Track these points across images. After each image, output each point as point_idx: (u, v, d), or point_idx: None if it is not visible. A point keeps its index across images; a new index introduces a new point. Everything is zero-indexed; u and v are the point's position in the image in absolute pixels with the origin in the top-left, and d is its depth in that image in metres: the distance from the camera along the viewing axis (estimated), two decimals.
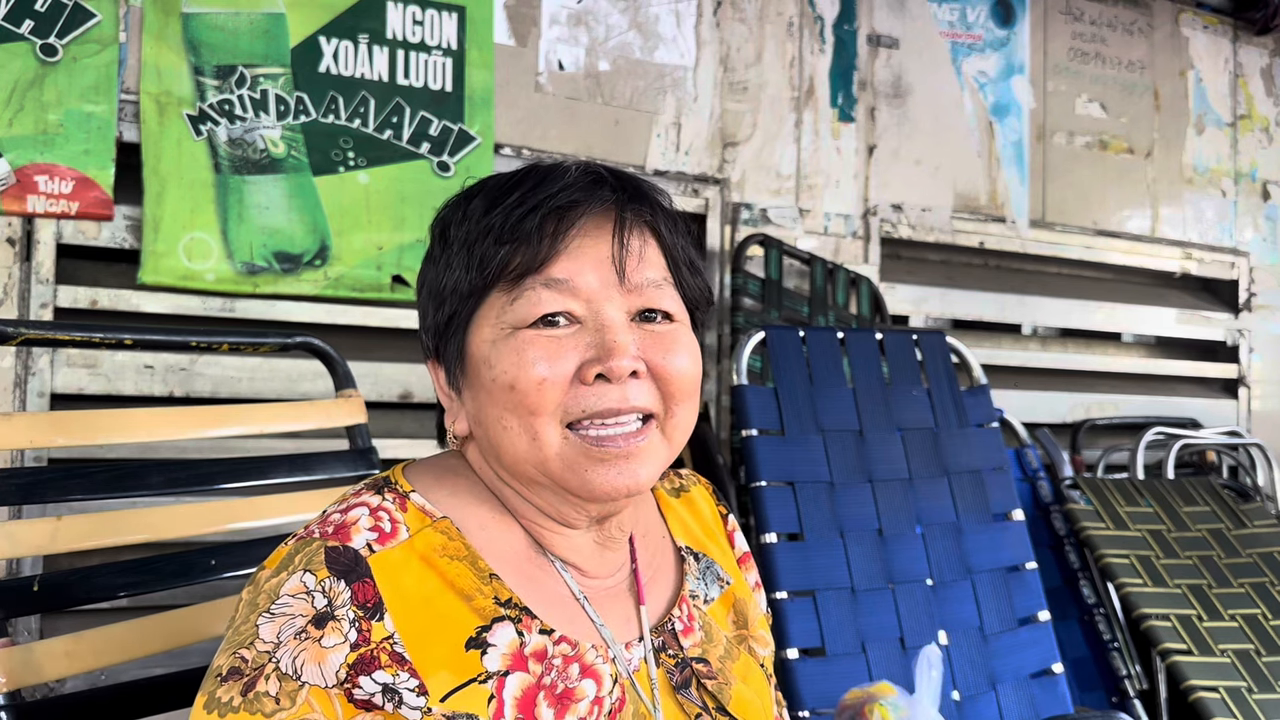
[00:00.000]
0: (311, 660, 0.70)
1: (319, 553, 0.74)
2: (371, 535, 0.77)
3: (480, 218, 0.80)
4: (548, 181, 0.80)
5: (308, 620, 0.71)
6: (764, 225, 2.42)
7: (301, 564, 0.74)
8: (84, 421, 1.18)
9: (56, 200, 1.73)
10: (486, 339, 0.79)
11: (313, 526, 0.77)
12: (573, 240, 0.78)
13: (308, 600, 0.72)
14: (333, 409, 1.40)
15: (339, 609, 0.72)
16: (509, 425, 0.78)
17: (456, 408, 0.83)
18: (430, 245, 0.85)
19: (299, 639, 0.70)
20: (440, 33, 2.06)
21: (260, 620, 0.71)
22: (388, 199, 1.99)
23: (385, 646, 0.72)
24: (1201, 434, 2.83)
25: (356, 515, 0.78)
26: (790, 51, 2.49)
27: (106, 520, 1.15)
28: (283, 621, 0.71)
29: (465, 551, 0.79)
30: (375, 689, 0.71)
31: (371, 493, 0.80)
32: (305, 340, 1.40)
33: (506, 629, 0.77)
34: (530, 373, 0.77)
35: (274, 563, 0.76)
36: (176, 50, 1.84)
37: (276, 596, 0.72)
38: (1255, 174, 3.28)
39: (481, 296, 0.79)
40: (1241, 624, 2.09)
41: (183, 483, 1.21)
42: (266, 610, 0.72)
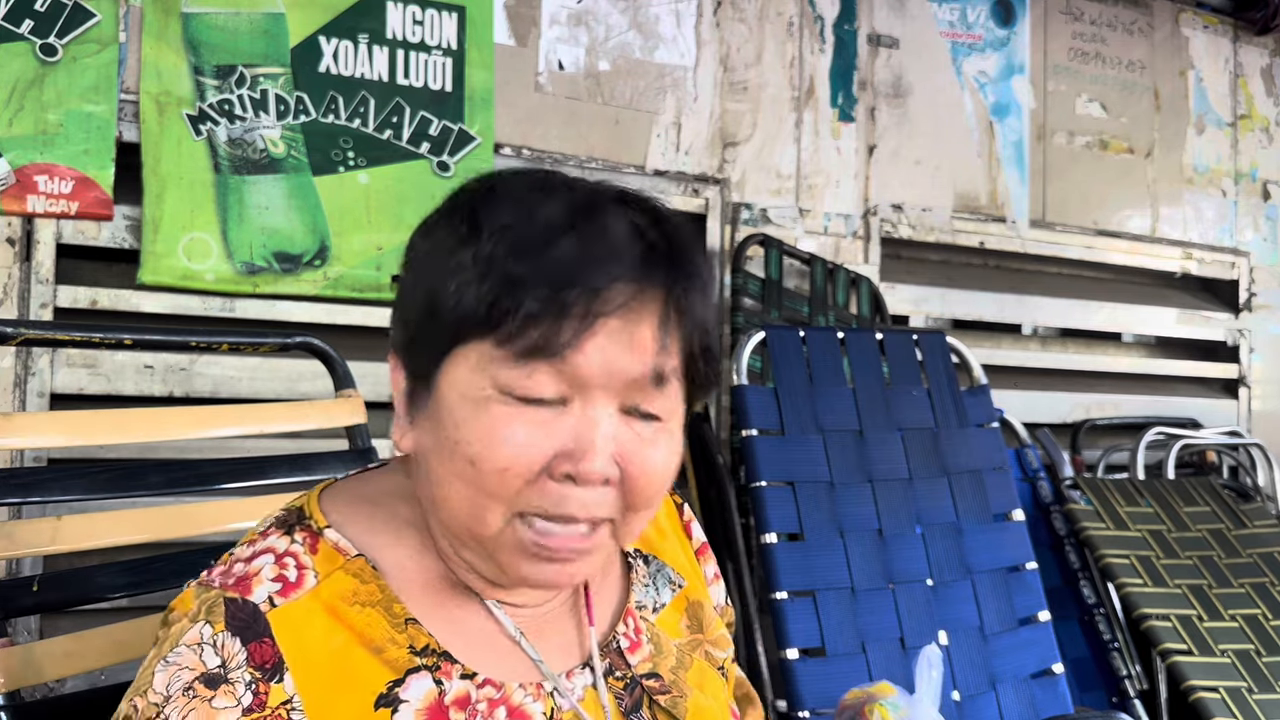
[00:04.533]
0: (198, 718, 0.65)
1: (218, 603, 0.69)
2: (274, 586, 0.71)
3: (508, 253, 0.68)
4: (596, 239, 0.69)
5: (196, 677, 0.66)
6: (764, 225, 2.42)
7: (203, 613, 0.69)
8: (83, 421, 1.18)
9: (56, 200, 1.73)
10: (459, 387, 0.70)
11: (215, 572, 0.73)
12: (602, 326, 0.68)
13: (199, 654, 0.67)
14: (333, 409, 1.40)
15: (233, 670, 0.67)
16: (455, 492, 0.70)
17: (404, 424, 0.75)
18: (442, 224, 0.73)
19: (187, 696, 0.65)
20: (440, 33, 2.06)
21: (157, 668, 0.67)
22: (387, 199, 1.99)
23: (281, 713, 0.67)
24: (1202, 434, 2.83)
25: (260, 565, 0.72)
26: (790, 51, 2.49)
27: (106, 520, 1.15)
28: (173, 672, 0.66)
29: (379, 595, 0.73)
30: None
31: (280, 533, 0.75)
32: (305, 340, 1.40)
33: (422, 680, 0.71)
34: (498, 455, 0.68)
35: (182, 604, 0.72)
36: (176, 50, 1.84)
37: (175, 644, 0.68)
38: (1255, 174, 3.28)
39: (474, 335, 0.69)
40: (1242, 624, 2.09)
41: (182, 483, 1.21)
42: (164, 658, 0.68)
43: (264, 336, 1.38)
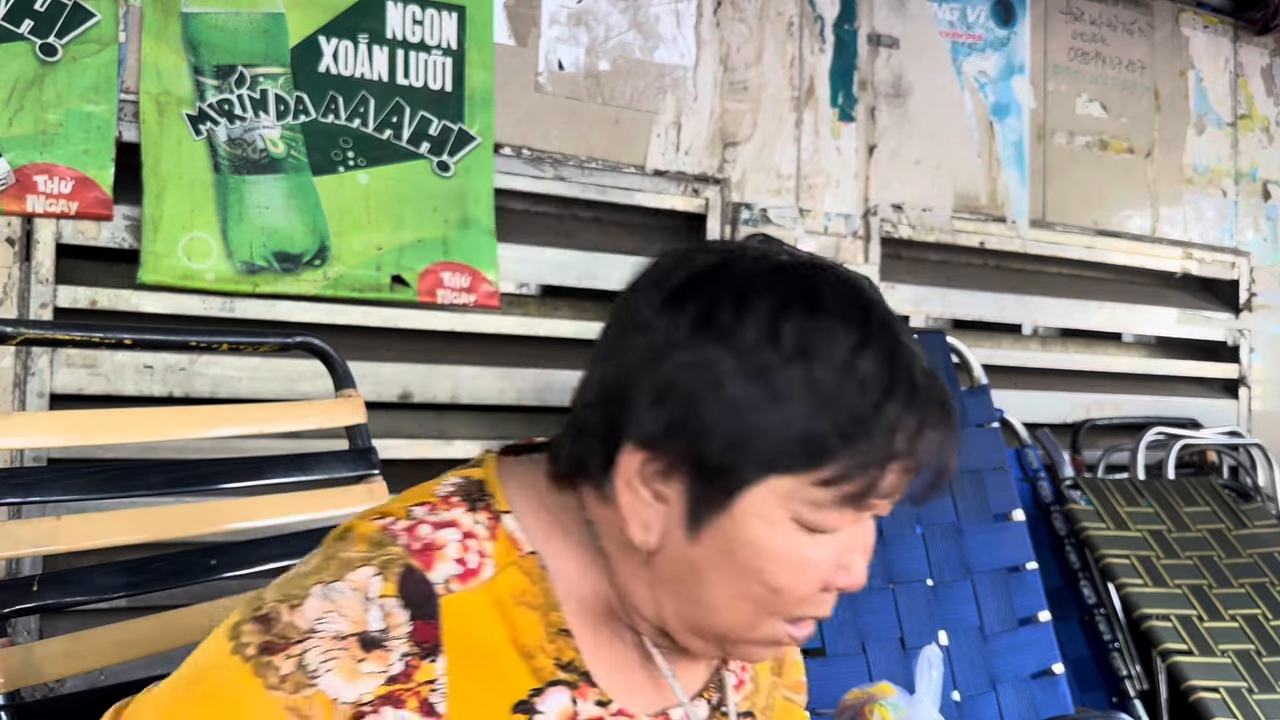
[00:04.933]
0: (339, 672, 0.66)
1: (398, 564, 0.69)
2: (454, 569, 0.71)
3: (844, 397, 0.65)
4: (921, 398, 0.68)
5: (354, 633, 0.66)
6: (764, 225, 2.42)
7: (378, 564, 0.69)
8: (81, 421, 1.18)
9: (56, 200, 1.73)
10: (765, 515, 0.67)
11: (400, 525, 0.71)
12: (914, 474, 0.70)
13: (364, 608, 0.67)
14: (333, 409, 1.40)
15: (393, 639, 0.67)
16: (737, 609, 0.70)
17: (654, 514, 0.70)
18: (742, 329, 0.66)
19: (337, 641, 0.66)
20: (440, 32, 2.06)
21: (315, 590, 0.68)
22: (387, 199, 1.99)
23: (423, 690, 0.67)
24: (1202, 434, 2.83)
25: (445, 539, 0.71)
26: (790, 51, 2.49)
27: (106, 520, 1.15)
28: (329, 609, 0.67)
29: (541, 599, 0.72)
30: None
31: (464, 505, 0.74)
32: (305, 340, 1.40)
33: (560, 695, 0.72)
34: (802, 585, 0.69)
35: (362, 532, 0.71)
36: (176, 50, 1.84)
37: (343, 573, 0.68)
38: (1256, 174, 3.28)
39: (792, 470, 0.66)
40: (1242, 624, 2.09)
41: (182, 482, 1.21)
42: (327, 582, 0.68)
43: (264, 336, 1.37)
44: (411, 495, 0.76)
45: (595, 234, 2.28)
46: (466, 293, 2.05)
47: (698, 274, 0.70)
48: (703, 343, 0.67)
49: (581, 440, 0.73)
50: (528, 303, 2.24)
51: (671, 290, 0.70)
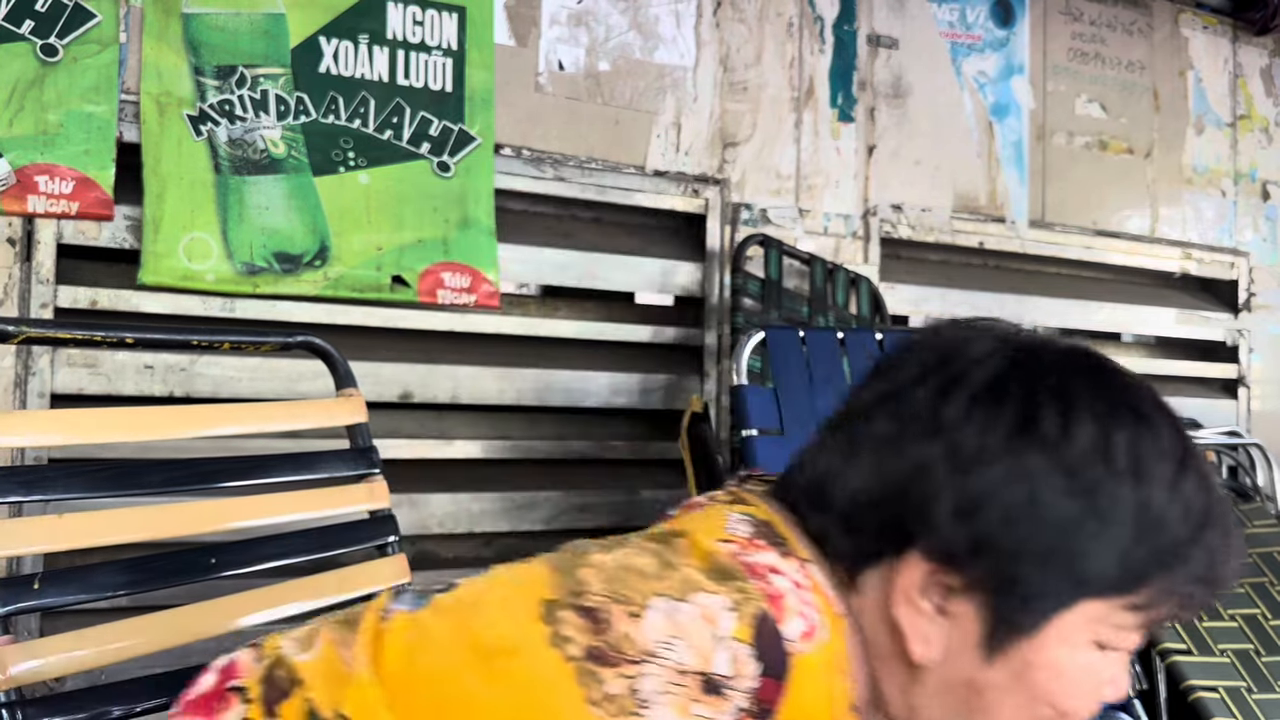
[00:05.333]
0: (671, 709, 0.57)
1: (755, 607, 0.61)
2: (800, 626, 0.62)
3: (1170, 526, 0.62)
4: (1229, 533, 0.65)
5: (698, 672, 0.58)
6: (764, 225, 2.42)
7: (733, 598, 0.61)
8: (81, 420, 1.18)
9: (57, 200, 1.74)
10: (1070, 640, 0.63)
11: (748, 558, 0.63)
12: None
13: (712, 643, 0.59)
14: (333, 408, 1.40)
15: (734, 690, 0.59)
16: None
17: (936, 631, 0.64)
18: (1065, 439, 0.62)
19: (678, 674, 0.58)
20: (440, 33, 2.06)
21: (656, 603, 0.59)
22: (388, 199, 1.99)
23: None
24: (1201, 434, 2.83)
25: (783, 588, 0.63)
26: (790, 52, 2.49)
27: (106, 519, 1.15)
28: (675, 634, 0.59)
29: (847, 666, 0.65)
30: None
31: (774, 550, 0.65)
32: (306, 339, 1.40)
33: None
34: (1090, 705, 0.65)
35: (706, 551, 0.63)
36: (177, 50, 1.84)
37: (688, 594, 0.60)
38: (1255, 174, 3.28)
39: (1111, 594, 0.62)
40: (1241, 624, 2.09)
41: (182, 481, 1.21)
42: (672, 598, 0.59)
43: (265, 336, 1.38)
44: (702, 528, 0.67)
45: (595, 234, 2.28)
46: (467, 293, 2.05)
47: (1005, 371, 0.64)
48: (1023, 453, 0.61)
49: (851, 534, 0.66)
50: (528, 303, 2.24)
51: (980, 388, 0.64)
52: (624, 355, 2.28)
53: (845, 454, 0.68)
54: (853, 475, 0.67)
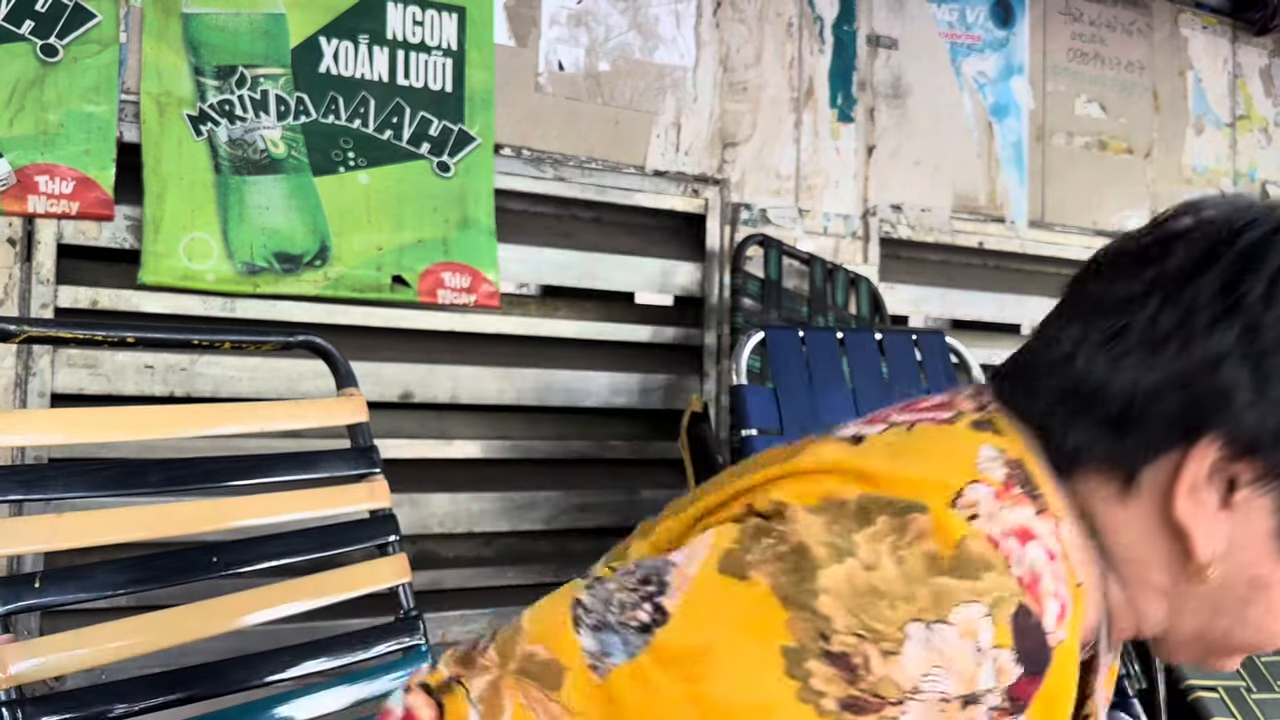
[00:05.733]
0: None
1: (1012, 604, 0.54)
2: (1055, 610, 0.56)
3: None
4: None
5: (960, 695, 0.53)
6: (764, 225, 2.42)
7: (991, 599, 0.54)
8: (80, 419, 1.18)
9: (57, 200, 1.74)
10: None
11: (996, 533, 0.56)
12: None
13: (975, 660, 0.53)
14: (334, 407, 1.41)
15: (991, 694, 0.54)
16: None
17: (1218, 527, 0.60)
18: None
19: (941, 704, 0.52)
20: (440, 33, 2.06)
21: (912, 631, 0.52)
22: (388, 199, 1.99)
23: None
24: None
25: (1039, 564, 0.56)
26: (790, 52, 2.49)
27: (107, 518, 1.15)
28: (937, 664, 0.52)
29: (1080, 631, 0.60)
30: None
31: (1031, 506, 0.59)
32: (307, 339, 1.40)
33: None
34: None
35: (953, 537, 0.54)
36: (177, 50, 1.84)
37: (945, 611, 0.53)
38: (1254, 174, 3.28)
39: None
40: None
41: (183, 481, 1.21)
42: (929, 622, 0.52)
43: (266, 335, 1.38)
44: (945, 454, 0.61)
45: (595, 234, 2.28)
46: (467, 293, 2.05)
47: None
48: None
49: (1125, 437, 0.61)
50: (528, 303, 2.24)
51: (1277, 269, 0.60)
52: (624, 355, 2.28)
53: (1114, 351, 0.62)
54: (1130, 372, 0.61)
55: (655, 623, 0.54)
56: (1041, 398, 0.64)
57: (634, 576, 0.57)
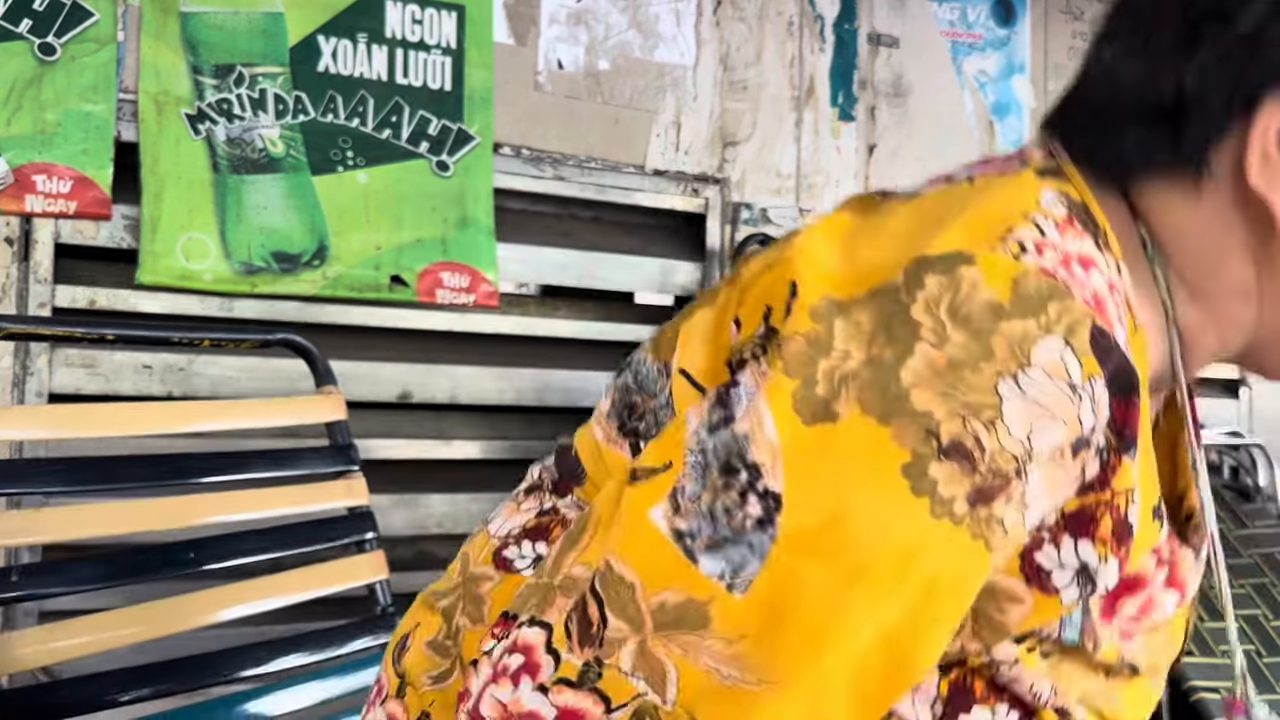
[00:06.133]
0: (1048, 495, 0.49)
1: (1085, 326, 0.49)
2: (1122, 332, 0.52)
3: None
4: None
5: (1069, 440, 0.49)
6: (764, 225, 2.42)
7: (1061, 327, 0.49)
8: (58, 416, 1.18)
9: (55, 200, 1.73)
10: None
11: (1054, 262, 0.51)
12: None
13: (1072, 400, 0.48)
14: (313, 405, 1.41)
15: (1094, 434, 0.49)
16: None
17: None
18: None
19: (1054, 460, 0.49)
20: (439, 32, 2.06)
21: (1003, 386, 0.48)
22: (386, 199, 1.98)
23: (1117, 504, 0.50)
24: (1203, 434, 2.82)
25: (1102, 290, 0.52)
26: (790, 51, 2.48)
27: (83, 513, 1.16)
28: (1040, 415, 0.48)
29: (1145, 378, 0.54)
30: (1070, 562, 0.51)
31: (1084, 230, 0.55)
32: (286, 337, 1.41)
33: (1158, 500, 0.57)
34: None
35: (1005, 271, 0.49)
36: (175, 49, 1.84)
37: (1026, 354, 0.48)
38: None
39: None
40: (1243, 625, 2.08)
41: (161, 477, 1.21)
42: (1013, 374, 0.48)
43: (246, 333, 1.39)
44: (1002, 195, 0.56)
45: (594, 234, 2.28)
46: (465, 293, 2.05)
47: None
48: None
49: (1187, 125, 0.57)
50: (527, 303, 2.24)
51: None
52: (623, 355, 2.27)
53: (1155, 49, 0.59)
54: (1174, 62, 0.58)
55: (771, 511, 0.49)
56: (1093, 120, 0.61)
57: (712, 471, 0.50)
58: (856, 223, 0.59)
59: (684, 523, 0.50)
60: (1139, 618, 0.58)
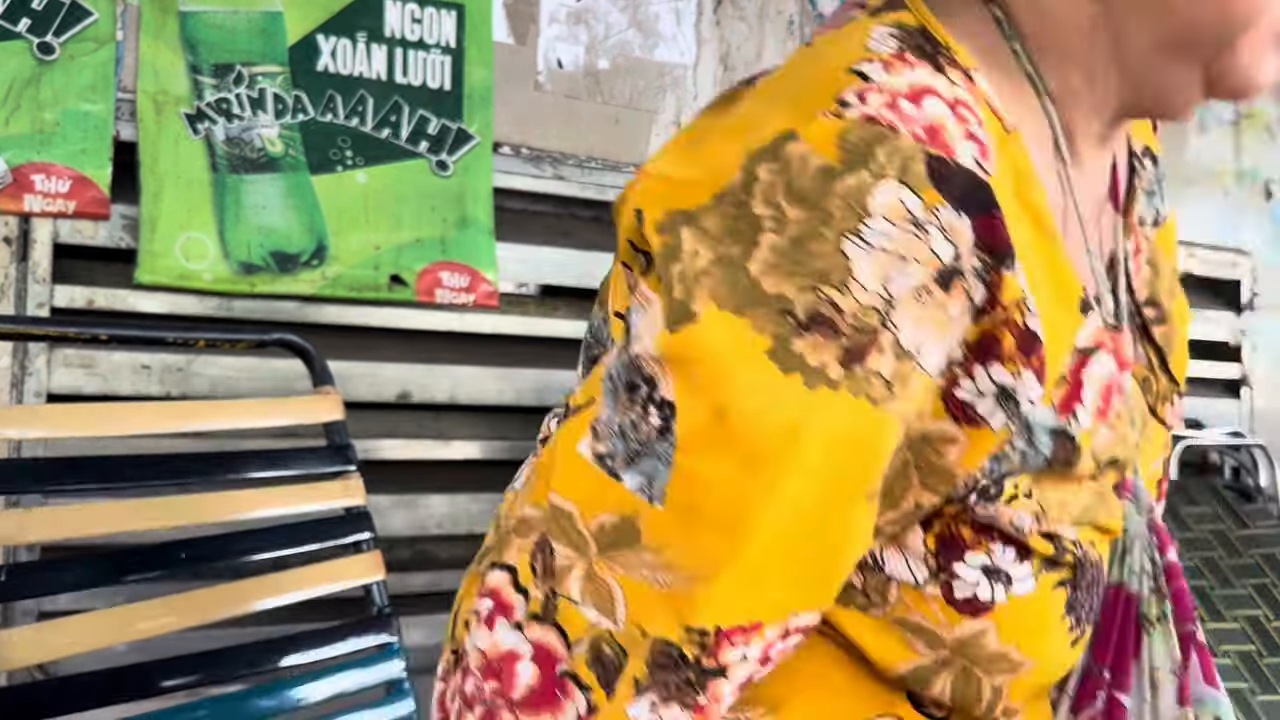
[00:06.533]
0: (935, 336, 0.49)
1: (918, 161, 0.49)
2: (973, 148, 0.51)
3: None
4: None
5: (931, 276, 0.49)
6: None
7: (893, 168, 0.49)
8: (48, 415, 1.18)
9: (53, 199, 1.73)
10: None
11: (868, 104, 0.51)
12: None
13: (922, 237, 0.48)
14: (310, 405, 1.41)
15: (963, 258, 0.49)
16: None
17: None
18: None
19: (919, 300, 0.49)
20: (439, 31, 2.05)
21: (845, 245, 0.48)
22: (386, 198, 1.98)
23: (1016, 315, 0.50)
24: (1203, 435, 2.82)
25: (937, 115, 0.51)
26: (791, 50, 2.48)
27: (76, 513, 1.15)
28: (889, 262, 0.48)
29: (1033, 195, 0.55)
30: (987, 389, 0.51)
31: (924, 62, 0.54)
32: (282, 337, 1.41)
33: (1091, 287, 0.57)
34: None
35: (828, 134, 0.50)
36: (174, 49, 1.84)
37: (863, 210, 0.48)
38: (1258, 173, 3.27)
39: None
40: (1244, 625, 2.08)
41: (155, 476, 1.21)
42: (854, 230, 0.48)
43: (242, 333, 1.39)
44: (831, 54, 0.55)
45: (595, 233, 2.27)
46: (465, 292, 2.04)
47: None
48: None
49: None
50: (527, 302, 2.23)
51: None
52: None
53: None
54: None
55: (668, 419, 0.50)
56: None
57: (620, 393, 0.53)
58: (708, 123, 0.59)
59: (603, 446, 0.53)
60: (1105, 409, 0.57)
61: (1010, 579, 0.56)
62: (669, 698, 0.50)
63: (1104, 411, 0.57)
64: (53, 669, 1.26)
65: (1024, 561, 0.56)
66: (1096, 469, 0.58)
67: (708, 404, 0.50)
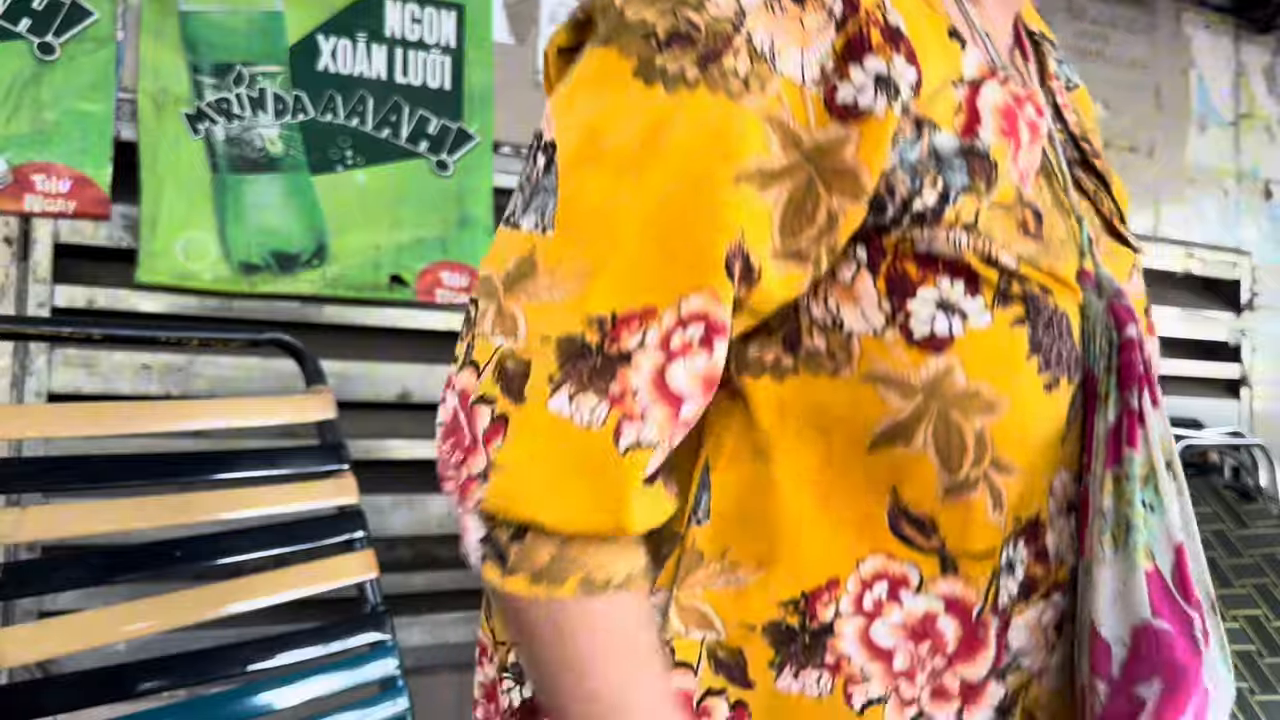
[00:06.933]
0: (791, 43, 0.54)
1: None
2: None
3: None
4: None
5: None
6: None
7: None
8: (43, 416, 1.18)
9: (54, 199, 1.73)
10: None
11: None
12: None
13: None
14: (303, 404, 1.41)
15: None
16: None
17: None
18: None
19: (771, 10, 0.54)
20: (439, 31, 2.05)
21: None
22: (385, 198, 1.98)
23: (876, 17, 0.54)
24: (1203, 434, 2.82)
25: None
26: None
27: (71, 512, 1.15)
28: None
29: None
30: (864, 82, 0.54)
31: None
32: (275, 337, 1.41)
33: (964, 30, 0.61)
34: None
35: None
36: (174, 48, 1.84)
37: None
38: (1258, 173, 3.27)
39: None
40: (1244, 625, 2.08)
41: (148, 476, 1.21)
42: None
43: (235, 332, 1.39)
44: None
45: None
46: (465, 292, 2.04)
47: None
48: None
49: None
50: None
51: None
52: None
53: None
54: None
55: (551, 153, 0.57)
56: None
57: (525, 162, 0.60)
58: None
59: (509, 209, 0.59)
60: (1008, 130, 0.60)
61: (965, 314, 0.58)
62: (584, 387, 0.54)
63: (1007, 131, 0.60)
64: (52, 667, 1.27)
65: (975, 296, 0.58)
66: (1015, 203, 0.60)
67: (580, 126, 0.56)
